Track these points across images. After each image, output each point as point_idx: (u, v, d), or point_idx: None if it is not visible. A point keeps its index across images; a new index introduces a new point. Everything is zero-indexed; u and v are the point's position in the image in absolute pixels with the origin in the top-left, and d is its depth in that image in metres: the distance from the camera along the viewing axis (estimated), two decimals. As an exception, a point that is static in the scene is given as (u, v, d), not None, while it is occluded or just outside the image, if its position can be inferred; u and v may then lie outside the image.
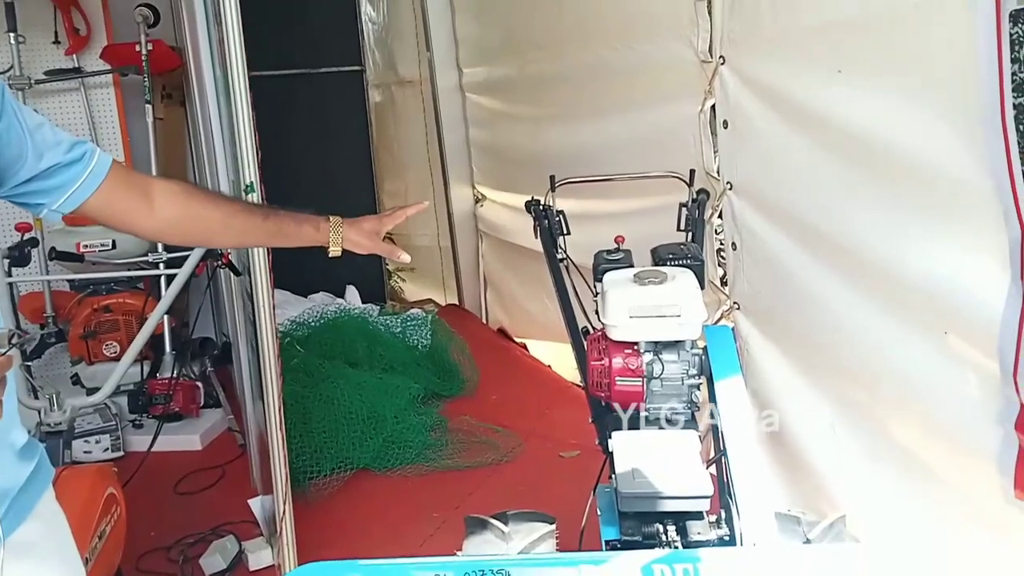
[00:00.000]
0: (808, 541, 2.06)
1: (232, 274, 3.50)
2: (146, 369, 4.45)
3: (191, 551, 3.30)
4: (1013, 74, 1.79)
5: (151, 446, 3.74)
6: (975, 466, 2.10)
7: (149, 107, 4.62)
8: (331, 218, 1.85)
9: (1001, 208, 1.86)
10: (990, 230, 1.91)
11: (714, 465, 2.26)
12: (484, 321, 6.24)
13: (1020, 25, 1.74)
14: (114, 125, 4.94)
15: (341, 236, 1.84)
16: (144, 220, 1.67)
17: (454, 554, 2.11)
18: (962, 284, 2.06)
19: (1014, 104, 1.80)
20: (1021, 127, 1.81)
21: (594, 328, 2.47)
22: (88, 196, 1.57)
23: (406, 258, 1.98)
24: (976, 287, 2.00)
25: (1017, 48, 1.76)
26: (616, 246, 2.53)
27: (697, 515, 2.03)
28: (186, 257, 3.77)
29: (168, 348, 4.48)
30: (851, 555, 1.81)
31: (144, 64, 4.57)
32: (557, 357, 5.10)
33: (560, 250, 2.76)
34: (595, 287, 2.48)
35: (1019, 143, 1.81)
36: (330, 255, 1.85)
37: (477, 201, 6.05)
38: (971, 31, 1.82)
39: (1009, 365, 1.92)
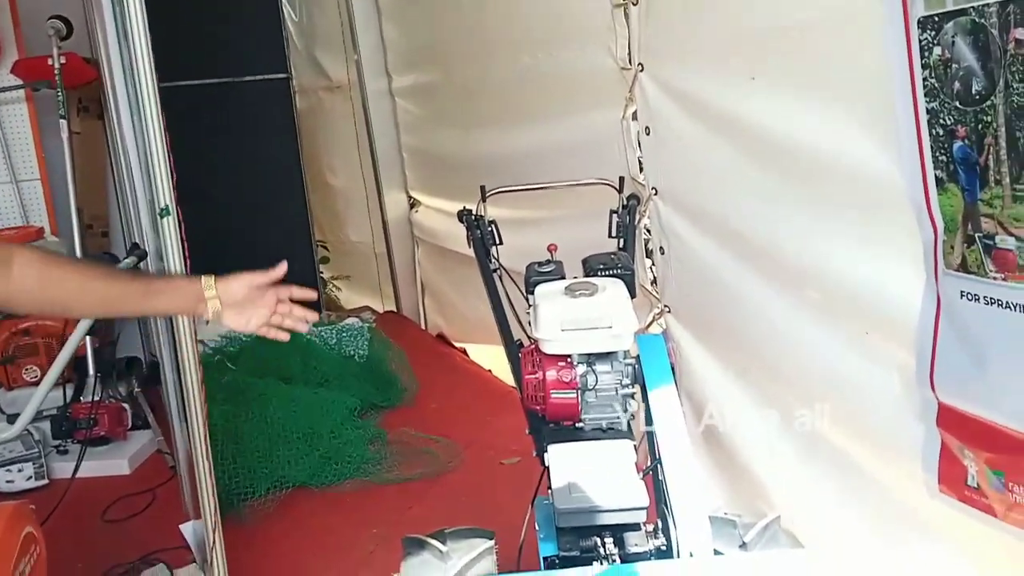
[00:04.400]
0: (744, 544, 2.08)
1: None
2: (69, 393, 4.28)
3: (119, 584, 3.19)
4: (924, 79, 1.82)
5: (75, 472, 3.60)
6: (901, 463, 2.14)
7: (64, 122, 4.45)
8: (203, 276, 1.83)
9: (915, 210, 1.90)
10: (907, 232, 1.95)
11: (650, 474, 2.26)
12: (423, 327, 6.19)
13: (929, 31, 1.77)
14: (27, 142, 4.75)
15: (215, 287, 1.81)
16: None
17: (392, 577, 2.06)
18: (882, 284, 2.10)
19: (927, 109, 1.83)
20: (934, 131, 1.84)
21: (528, 340, 2.45)
22: None
23: (284, 337, 1.97)
24: (895, 287, 2.04)
25: (927, 54, 1.79)
26: (549, 256, 2.51)
27: (634, 527, 2.03)
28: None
29: (91, 370, 4.31)
30: (787, 560, 1.83)
31: (57, 78, 4.40)
32: (497, 361, 5.08)
33: (493, 260, 2.73)
34: (528, 299, 2.46)
35: (931, 147, 1.85)
36: (208, 316, 1.82)
37: (412, 206, 5.99)
38: (881, 38, 1.86)
39: (926, 365, 1.96)
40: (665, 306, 3.07)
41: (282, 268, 1.93)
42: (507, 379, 4.93)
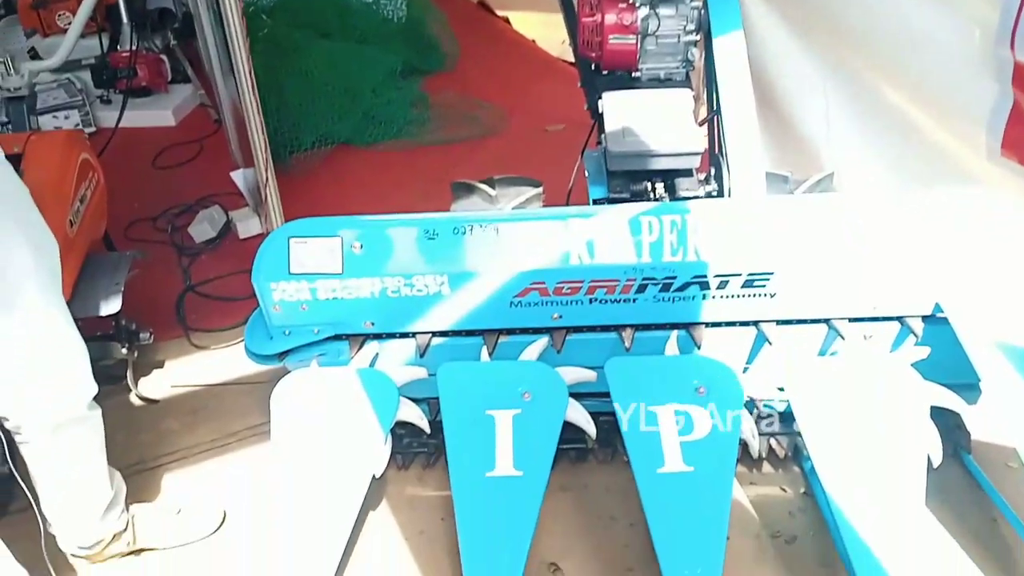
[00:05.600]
0: (793, 197, 2.07)
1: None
2: (105, 43, 4.18)
3: (178, 221, 3.33)
4: None
5: (119, 120, 3.61)
6: (964, 126, 2.05)
7: None
8: None
9: None
10: None
11: (706, 125, 2.21)
12: (463, -7, 5.84)
13: None
14: None
15: None
16: None
17: (442, 213, 2.09)
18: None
19: None
20: None
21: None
22: None
23: None
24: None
25: None
26: None
27: (687, 173, 2.02)
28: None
29: (124, 18, 4.17)
30: (837, 205, 1.82)
31: None
32: (542, 31, 4.84)
33: None
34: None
35: None
36: None
37: None
38: None
39: (1009, 22, 1.79)
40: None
41: None
42: (552, 49, 4.73)
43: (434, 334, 1.93)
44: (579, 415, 1.86)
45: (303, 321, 1.91)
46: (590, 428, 1.87)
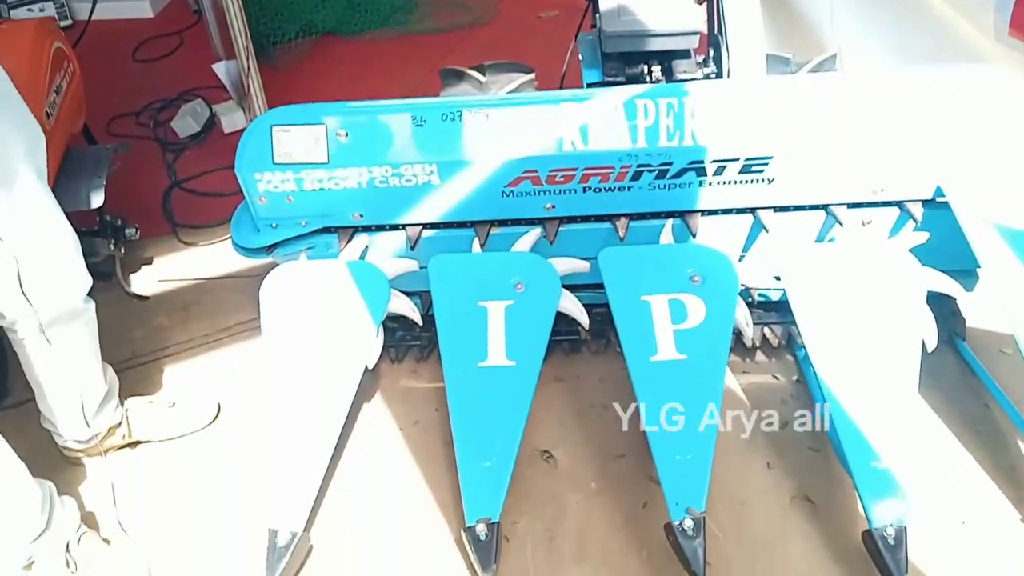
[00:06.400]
0: (794, 82, 2.00)
1: None
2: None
3: (160, 116, 3.24)
4: None
5: (92, 9, 3.46)
6: (971, 5, 1.96)
7: None
8: None
9: None
10: None
11: (704, 4, 2.10)
12: None
13: None
14: None
15: None
16: None
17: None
18: None
19: None
20: None
21: None
22: None
23: None
24: None
25: None
26: None
27: (684, 54, 1.94)
28: None
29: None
30: (838, 85, 1.75)
31: None
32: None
33: None
34: None
35: None
36: None
37: None
38: None
39: None
40: None
41: None
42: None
43: (425, 226, 1.89)
44: (572, 305, 1.84)
45: (290, 213, 1.87)
46: (583, 318, 1.85)
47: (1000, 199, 1.67)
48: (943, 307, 1.94)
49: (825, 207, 1.79)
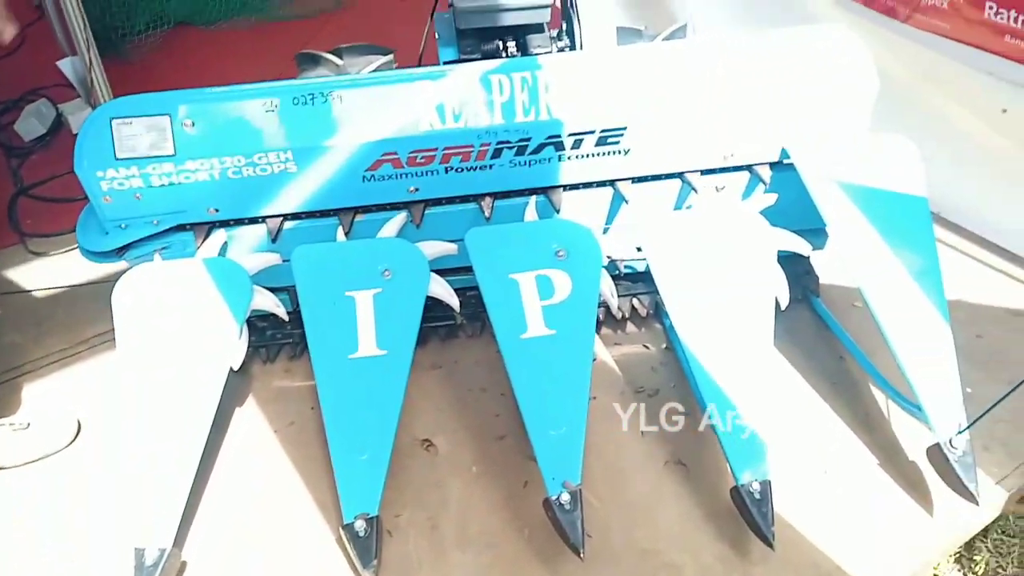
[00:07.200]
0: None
1: None
2: None
3: (3, 119, 3.02)
4: None
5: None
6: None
7: None
8: None
9: None
10: None
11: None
12: None
13: None
14: None
15: None
16: None
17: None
18: None
19: None
20: None
21: None
22: None
23: None
24: None
25: None
26: None
27: (538, 28, 1.94)
28: None
29: None
30: (686, 51, 1.78)
31: None
32: None
33: None
34: None
35: None
36: None
37: None
38: None
39: None
40: None
41: None
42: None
43: (285, 217, 1.83)
44: (442, 289, 1.82)
45: (139, 212, 1.77)
46: (453, 301, 1.83)
47: (841, 157, 1.74)
48: (797, 267, 2.01)
49: (680, 175, 1.83)
